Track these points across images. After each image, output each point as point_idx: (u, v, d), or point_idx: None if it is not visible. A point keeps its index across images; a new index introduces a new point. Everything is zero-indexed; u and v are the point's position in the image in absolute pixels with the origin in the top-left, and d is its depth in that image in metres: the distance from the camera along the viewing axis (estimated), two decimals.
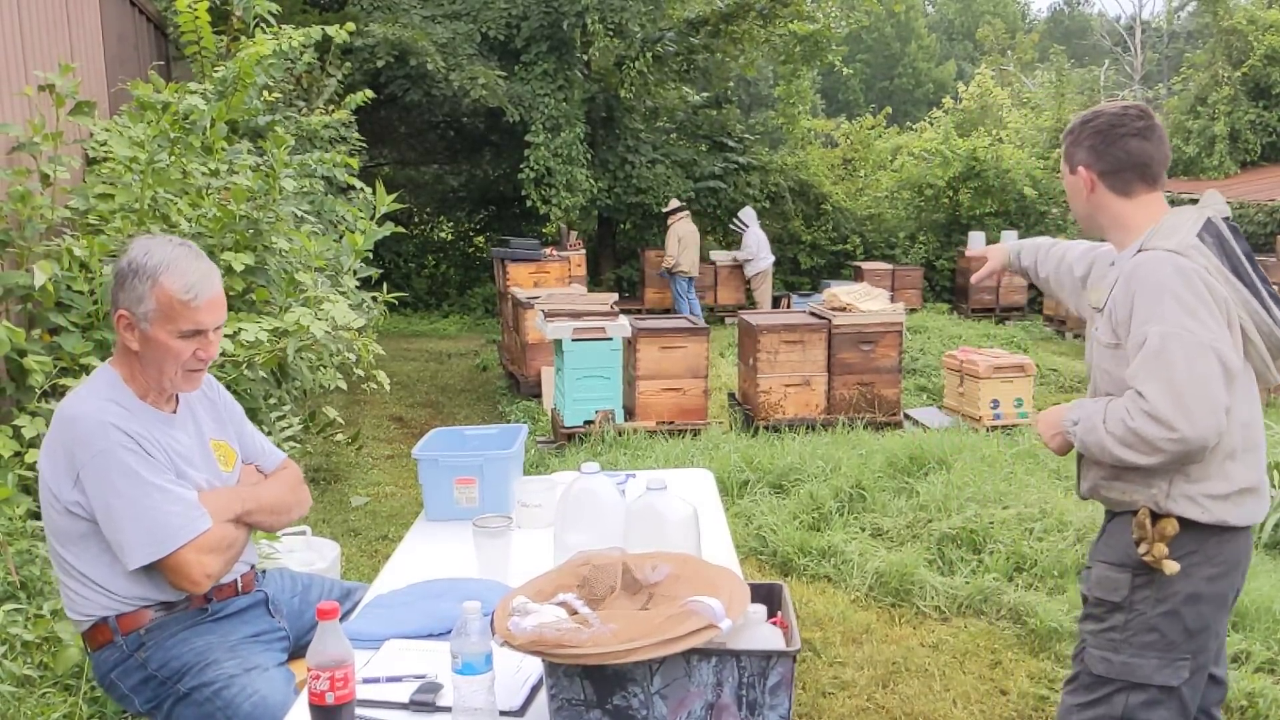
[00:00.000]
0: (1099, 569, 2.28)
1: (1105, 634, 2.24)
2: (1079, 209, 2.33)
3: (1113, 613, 2.23)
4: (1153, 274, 2.10)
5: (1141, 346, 2.07)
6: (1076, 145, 2.29)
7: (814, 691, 3.68)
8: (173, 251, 2.24)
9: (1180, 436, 2.02)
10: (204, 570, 2.21)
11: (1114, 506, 2.27)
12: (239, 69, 5.14)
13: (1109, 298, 2.21)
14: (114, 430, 2.16)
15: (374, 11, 12.98)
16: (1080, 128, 2.29)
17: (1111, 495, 2.25)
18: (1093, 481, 2.30)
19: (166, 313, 2.20)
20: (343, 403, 8.12)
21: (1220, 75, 17.56)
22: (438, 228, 18.31)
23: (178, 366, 2.25)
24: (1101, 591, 2.25)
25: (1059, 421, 2.26)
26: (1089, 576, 2.31)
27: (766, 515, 5.15)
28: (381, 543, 5.30)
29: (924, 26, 39.09)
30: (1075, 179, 2.29)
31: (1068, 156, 2.32)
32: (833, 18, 16.99)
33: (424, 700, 1.83)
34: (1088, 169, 2.27)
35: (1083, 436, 2.18)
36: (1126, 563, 2.21)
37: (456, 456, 2.92)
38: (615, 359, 6.88)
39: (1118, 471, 2.20)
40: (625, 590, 1.84)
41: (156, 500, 2.16)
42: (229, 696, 2.20)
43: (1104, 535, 2.31)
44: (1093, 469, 2.29)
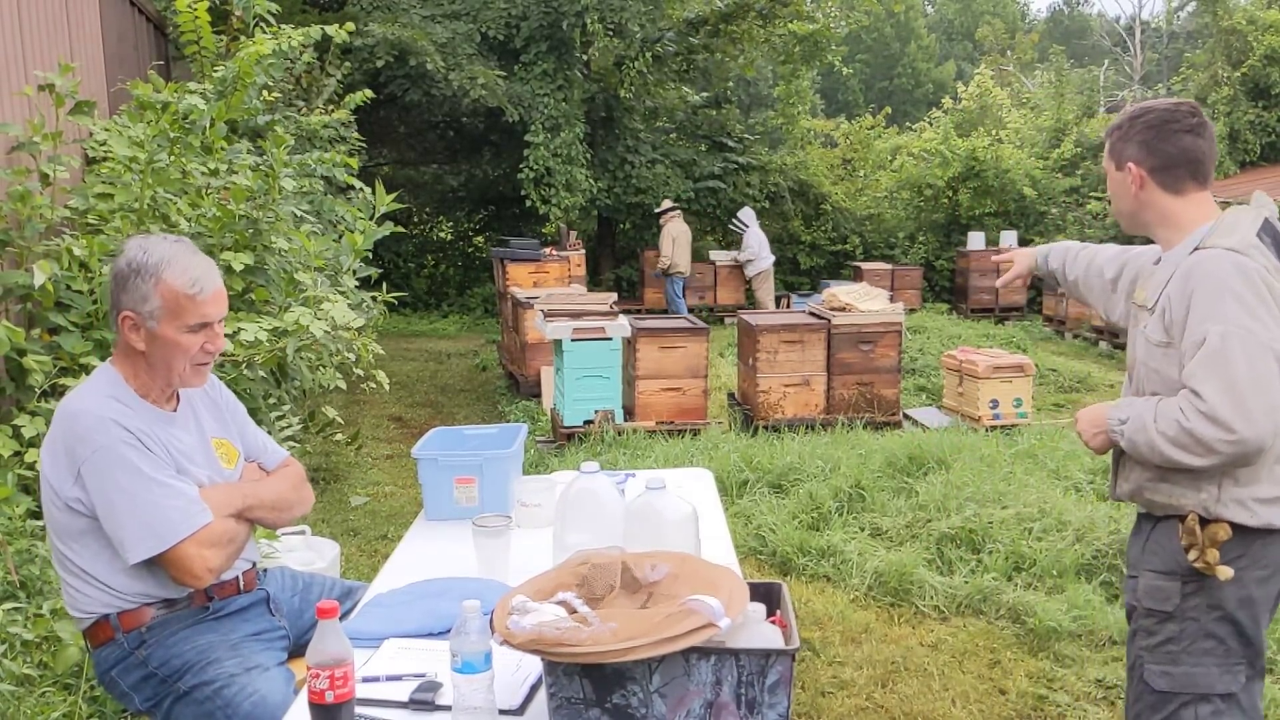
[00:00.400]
0: (1147, 579, 2.21)
1: (1161, 647, 2.18)
2: (1124, 206, 2.27)
3: (1165, 623, 2.17)
4: (1213, 272, 2.05)
5: (1200, 345, 2.02)
6: (1126, 141, 2.23)
7: (813, 691, 3.68)
8: (171, 248, 2.24)
9: (1238, 438, 1.98)
10: (205, 564, 2.21)
11: (1158, 510, 2.21)
12: (238, 69, 5.14)
13: (1161, 296, 2.15)
14: (114, 426, 2.17)
15: (373, 11, 12.99)
16: (1130, 123, 2.23)
17: (1157, 499, 2.19)
18: (1135, 483, 2.24)
19: (173, 309, 2.21)
20: (342, 402, 8.12)
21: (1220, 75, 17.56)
22: (437, 228, 18.32)
23: (186, 362, 2.26)
24: (1152, 602, 2.19)
25: (1102, 419, 2.21)
26: (1135, 586, 2.24)
27: (766, 515, 5.16)
28: (381, 542, 5.30)
29: (923, 26, 39.11)
30: (1122, 175, 2.23)
31: (1114, 152, 2.25)
32: (832, 18, 17.02)
33: (423, 699, 1.83)
34: (1137, 165, 2.21)
35: (1131, 436, 2.13)
36: (1176, 570, 2.16)
37: (456, 456, 2.92)
38: (615, 359, 6.88)
39: (1164, 474, 2.15)
40: (624, 589, 1.85)
41: (157, 495, 2.16)
42: (229, 695, 2.20)
43: (1148, 542, 2.23)
44: (1136, 470, 2.23)
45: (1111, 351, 11.84)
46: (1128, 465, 2.26)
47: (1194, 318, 2.05)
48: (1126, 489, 2.28)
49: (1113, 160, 2.26)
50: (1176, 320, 2.10)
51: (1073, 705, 3.57)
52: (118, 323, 2.24)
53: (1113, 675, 3.75)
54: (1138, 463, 2.20)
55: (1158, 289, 2.18)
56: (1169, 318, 2.12)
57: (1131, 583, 2.27)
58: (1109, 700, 3.61)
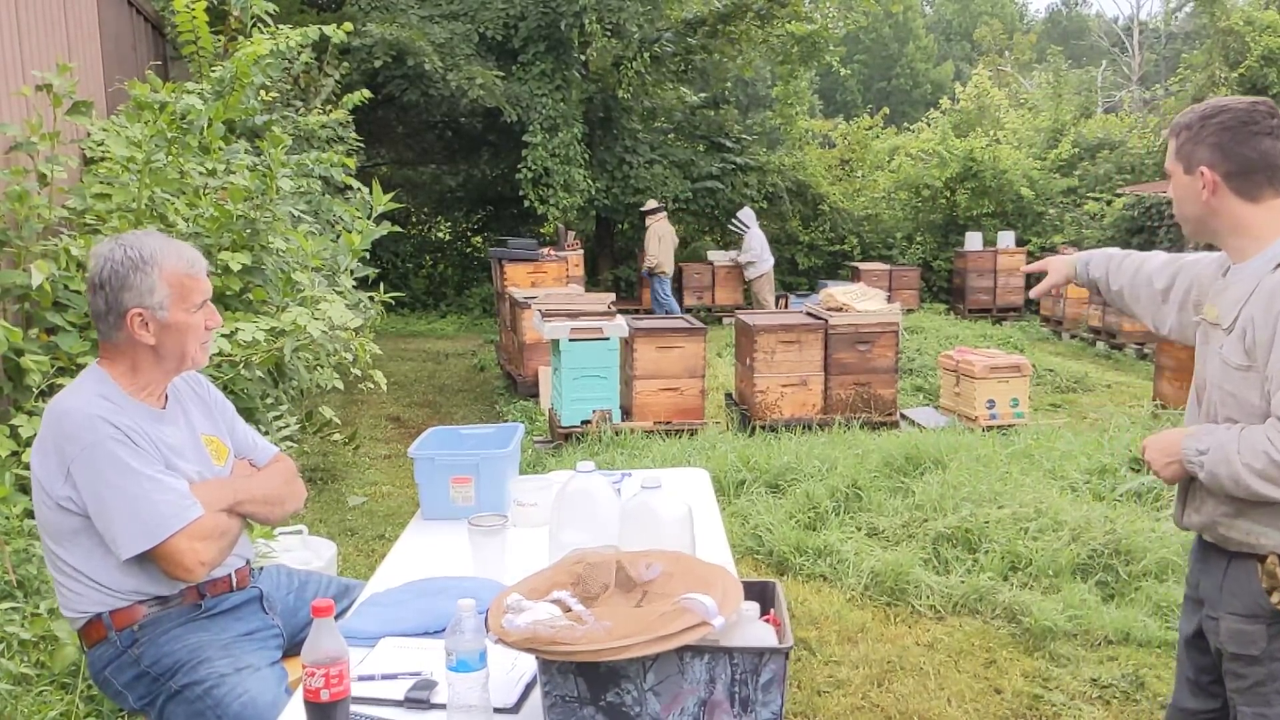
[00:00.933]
0: (1229, 622, 2.10)
1: (1253, 690, 2.09)
2: (1191, 211, 2.12)
3: (1253, 666, 2.08)
4: None
5: None
6: (1197, 143, 2.07)
7: (809, 690, 3.69)
8: (152, 239, 2.31)
9: None
10: (197, 557, 2.21)
11: (1233, 547, 2.09)
12: (236, 69, 5.15)
13: (1241, 314, 2.01)
14: (102, 423, 2.18)
15: (371, 11, 12.99)
16: (1202, 123, 2.07)
17: (1233, 535, 2.07)
18: (1209, 517, 2.11)
19: (180, 292, 2.27)
20: (340, 402, 8.13)
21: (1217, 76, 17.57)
22: (435, 228, 18.33)
23: (197, 341, 2.33)
24: (1237, 646, 2.09)
25: (1176, 448, 2.07)
26: (1217, 629, 2.13)
27: (763, 515, 5.16)
28: (378, 542, 5.31)
29: (922, 27, 39.13)
30: (1192, 179, 2.08)
31: (1184, 155, 2.09)
32: (830, 18, 17.03)
33: (419, 697, 1.84)
34: (1211, 169, 2.05)
35: (1212, 468, 1.99)
36: (1259, 614, 2.05)
37: (453, 456, 2.93)
38: (612, 359, 6.89)
39: (1242, 509, 2.03)
40: (619, 588, 1.85)
41: (147, 489, 2.17)
42: (219, 695, 2.21)
43: (1226, 582, 2.11)
44: (1210, 503, 2.10)
45: (1109, 352, 11.86)
46: (1199, 496, 2.14)
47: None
48: (1198, 520, 2.15)
49: (1180, 162, 2.10)
50: (1261, 342, 1.96)
51: (1068, 705, 3.58)
52: (125, 323, 2.25)
53: (1108, 675, 3.76)
54: (1211, 495, 2.09)
55: (1235, 306, 2.04)
56: (1251, 339, 1.98)
57: (1212, 624, 2.15)
58: (1104, 700, 3.62)
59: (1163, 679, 3.73)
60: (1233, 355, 2.02)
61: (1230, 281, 2.09)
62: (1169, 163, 2.14)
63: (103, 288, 2.25)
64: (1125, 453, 5.91)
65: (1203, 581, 2.20)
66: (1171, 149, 2.13)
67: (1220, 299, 2.10)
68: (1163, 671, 3.78)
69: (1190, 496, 2.17)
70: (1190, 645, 2.31)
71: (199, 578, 2.26)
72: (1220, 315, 2.08)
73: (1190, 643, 2.31)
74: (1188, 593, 2.33)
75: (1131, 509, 5.07)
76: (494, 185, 16.63)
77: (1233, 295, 2.06)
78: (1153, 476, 2.20)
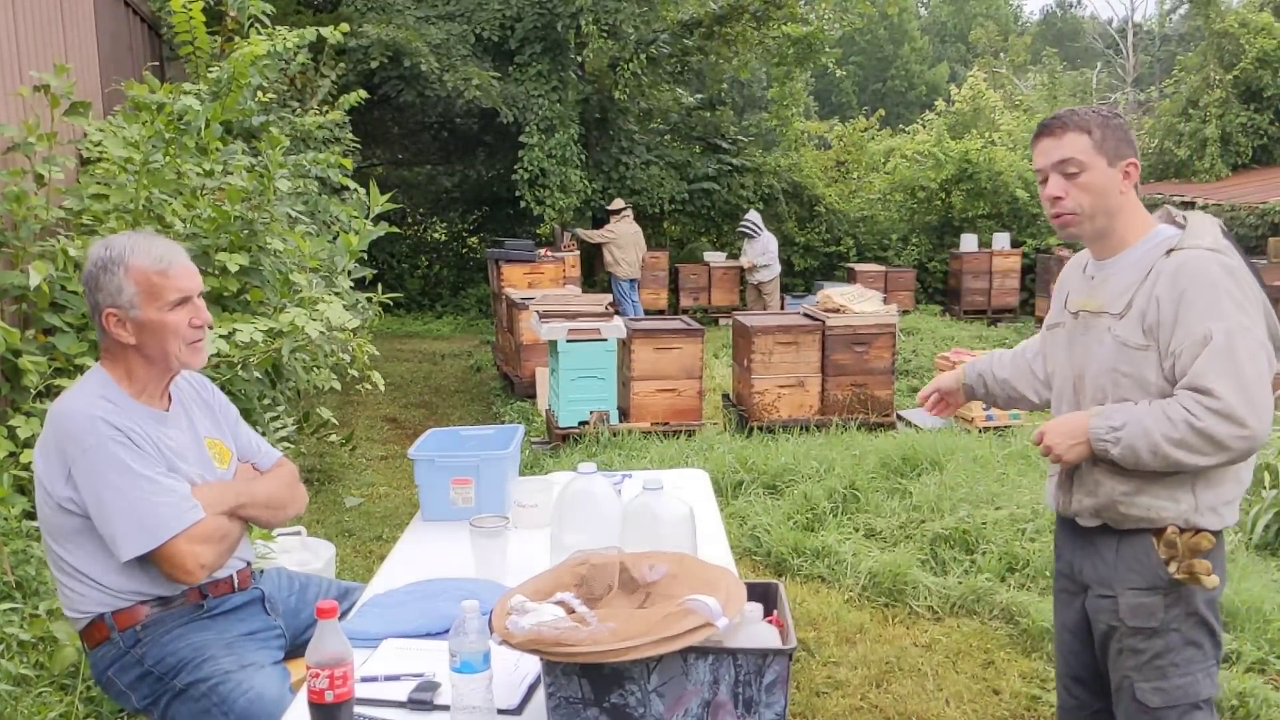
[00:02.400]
0: (1129, 597, 2.15)
1: (1151, 663, 2.15)
2: (1107, 204, 2.14)
3: (1151, 639, 2.14)
4: (1204, 272, 2.03)
5: (1205, 343, 2.00)
6: (1119, 139, 2.14)
7: (808, 691, 3.69)
8: (130, 237, 2.30)
9: (1250, 433, 1.98)
10: (197, 560, 2.21)
11: (1129, 524, 2.15)
12: (233, 69, 5.14)
13: (1135, 297, 2.10)
14: (104, 425, 2.18)
15: (368, 12, 12.98)
16: (1111, 120, 2.15)
17: (1133, 512, 2.13)
18: (1106, 498, 2.15)
19: (148, 290, 2.24)
20: (337, 403, 8.11)
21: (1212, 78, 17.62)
22: (431, 228, 18.31)
23: (180, 341, 2.28)
24: (1137, 620, 2.15)
25: (1082, 430, 2.10)
26: (1115, 607, 2.17)
27: (761, 516, 5.17)
28: (376, 543, 5.30)
29: (917, 29, 39.16)
30: (1115, 173, 2.13)
31: (1108, 149, 2.13)
32: (826, 20, 17.04)
33: (422, 699, 1.84)
34: (1134, 164, 2.15)
35: (1130, 441, 2.03)
36: (1157, 585, 2.13)
37: (453, 457, 2.93)
38: (610, 360, 6.89)
39: (1144, 485, 2.10)
40: (623, 589, 1.86)
41: (148, 491, 2.17)
42: (225, 692, 2.21)
43: (1119, 559, 2.17)
44: (1107, 484, 2.15)
45: None
46: (1093, 479, 2.18)
47: (1193, 316, 2.02)
48: (1091, 504, 2.19)
49: (1103, 156, 2.13)
50: (1164, 321, 2.05)
51: None
52: (103, 324, 2.26)
53: None
54: (1109, 475, 2.14)
55: (1124, 292, 2.13)
56: (1151, 319, 2.07)
57: (1107, 603, 2.20)
58: None
59: None
60: (1131, 336, 2.10)
61: (1109, 274, 2.19)
62: (1084, 156, 2.12)
63: (85, 287, 2.28)
64: None
65: (1085, 566, 2.26)
66: (1086, 144, 2.12)
67: (1100, 290, 2.19)
68: None
69: (1079, 481, 2.22)
70: (1072, 637, 2.37)
71: (198, 580, 2.26)
72: (1105, 304, 2.17)
73: (1073, 633, 2.37)
74: (1061, 583, 2.40)
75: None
76: (490, 186, 16.62)
77: (1118, 284, 2.15)
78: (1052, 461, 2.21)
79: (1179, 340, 2.03)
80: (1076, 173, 2.13)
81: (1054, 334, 2.36)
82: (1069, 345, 2.28)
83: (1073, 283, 2.33)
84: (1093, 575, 2.23)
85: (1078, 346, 2.24)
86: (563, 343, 6.79)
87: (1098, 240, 2.21)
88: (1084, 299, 2.24)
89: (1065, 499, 2.26)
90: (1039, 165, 2.20)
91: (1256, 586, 4.25)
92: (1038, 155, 2.20)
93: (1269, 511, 4.94)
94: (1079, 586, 2.30)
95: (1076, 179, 2.13)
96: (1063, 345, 2.30)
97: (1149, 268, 2.11)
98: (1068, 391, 2.27)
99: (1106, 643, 2.23)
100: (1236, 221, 14.20)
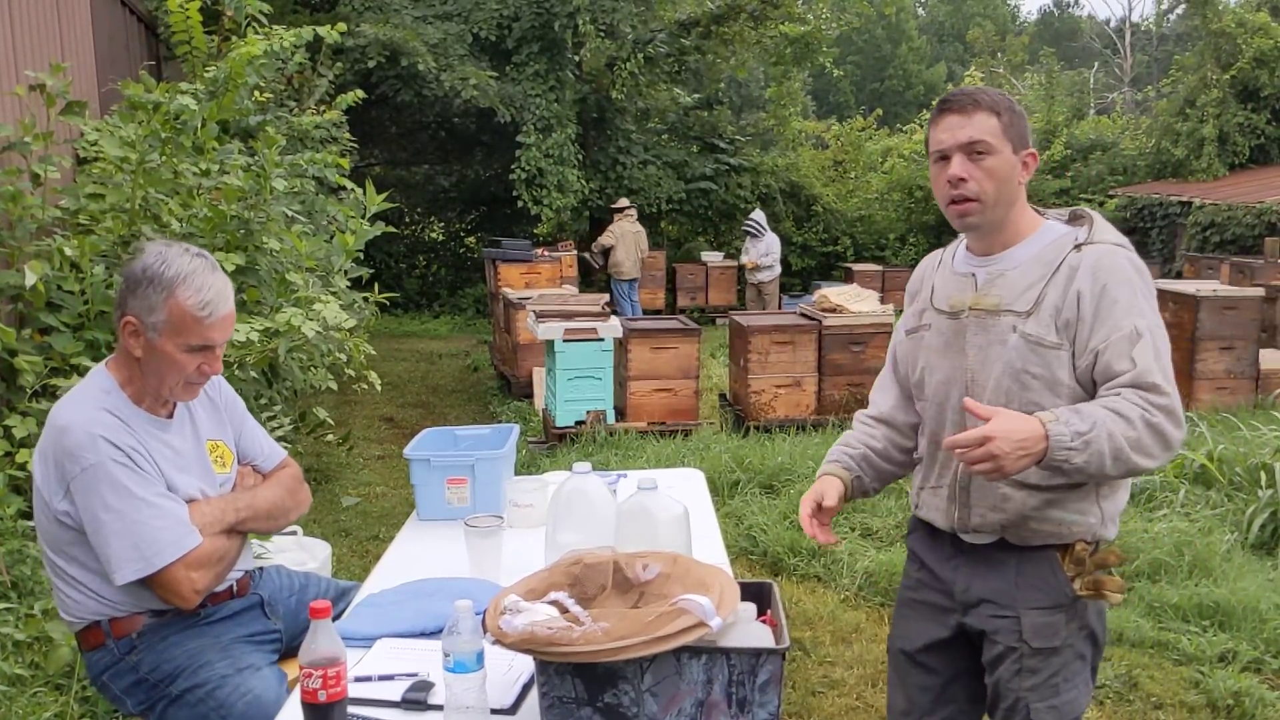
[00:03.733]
0: (1034, 617, 2.00)
1: (1047, 683, 2.02)
2: (1007, 194, 1.99)
3: (1051, 658, 2.02)
4: (1119, 268, 1.93)
5: (1136, 341, 1.88)
6: (1022, 126, 2.01)
7: (804, 690, 3.69)
8: (190, 263, 2.18)
9: (1183, 435, 1.88)
10: (193, 586, 2.19)
11: (1037, 540, 2.00)
12: (230, 69, 5.14)
13: (1044, 295, 1.95)
14: (104, 444, 2.13)
15: (365, 12, 12.98)
16: (1016, 106, 2.01)
17: (1043, 528, 1.99)
18: (1014, 514, 1.98)
19: (178, 326, 2.16)
20: (333, 403, 8.11)
21: (1209, 78, 17.63)
22: (429, 228, 18.32)
23: (180, 379, 2.22)
24: (1041, 641, 2.01)
25: (1036, 439, 1.80)
26: (1017, 627, 2.02)
27: (757, 515, 5.17)
28: (372, 543, 5.30)
29: (914, 28, 39.20)
30: (1017, 160, 1.99)
31: (1014, 134, 1.98)
32: (824, 19, 17.04)
33: (416, 699, 1.84)
34: (1031, 153, 2.02)
35: (1098, 447, 1.81)
36: (1061, 603, 2.01)
37: (448, 456, 2.92)
38: (606, 359, 6.89)
39: (1057, 499, 1.97)
40: (616, 589, 1.86)
41: (145, 515, 2.13)
42: (222, 696, 2.20)
43: (1020, 578, 2.02)
44: (1017, 498, 1.97)
45: None
46: (998, 493, 1.99)
47: (1118, 311, 1.90)
48: (996, 520, 2.00)
49: (1010, 141, 1.97)
50: (1084, 317, 1.91)
51: None
52: (120, 325, 2.20)
53: (1101, 675, 3.76)
54: (1019, 489, 1.97)
55: (1030, 288, 1.97)
56: (1068, 315, 1.93)
57: (1007, 623, 2.03)
58: (1098, 700, 3.63)
59: (1156, 679, 3.74)
60: (1045, 335, 1.94)
61: (1004, 269, 2.02)
62: (993, 139, 1.96)
63: (122, 281, 2.21)
64: None
65: (974, 584, 2.07)
66: (996, 126, 1.96)
67: (995, 287, 2.01)
68: (1156, 672, 3.80)
69: (980, 496, 2.02)
70: (916, 660, 2.19)
71: (193, 604, 2.23)
72: (1005, 301, 1.99)
73: (920, 655, 2.18)
74: (924, 597, 2.18)
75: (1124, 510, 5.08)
76: (487, 186, 16.62)
77: (1019, 280, 1.99)
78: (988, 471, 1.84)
79: (1102, 337, 1.90)
80: (984, 155, 1.96)
81: (919, 338, 2.14)
82: (948, 348, 2.07)
83: (939, 281, 2.13)
84: (986, 594, 2.06)
85: (971, 348, 2.03)
86: (559, 342, 6.79)
87: (991, 233, 2.03)
88: (973, 296, 2.04)
89: (961, 514, 2.05)
90: (942, 143, 1.99)
91: (1252, 586, 4.26)
92: (940, 132, 2.00)
93: (1264, 511, 4.94)
94: (956, 604, 2.11)
95: (983, 162, 1.96)
96: (937, 349, 2.09)
97: (1055, 263, 1.97)
98: (954, 397, 2.04)
99: (999, 663, 2.06)
100: (1233, 221, 14.22)
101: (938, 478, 2.11)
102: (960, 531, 2.07)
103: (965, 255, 2.12)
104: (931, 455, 2.13)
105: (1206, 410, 7.20)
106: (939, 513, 2.10)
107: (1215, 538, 4.68)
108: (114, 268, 4.04)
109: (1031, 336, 1.95)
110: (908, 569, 2.27)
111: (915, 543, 2.23)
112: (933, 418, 2.10)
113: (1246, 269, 11.05)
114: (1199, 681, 3.72)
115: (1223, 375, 7.64)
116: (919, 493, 2.18)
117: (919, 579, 2.20)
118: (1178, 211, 15.68)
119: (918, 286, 2.22)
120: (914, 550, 2.24)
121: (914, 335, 2.16)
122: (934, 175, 2.04)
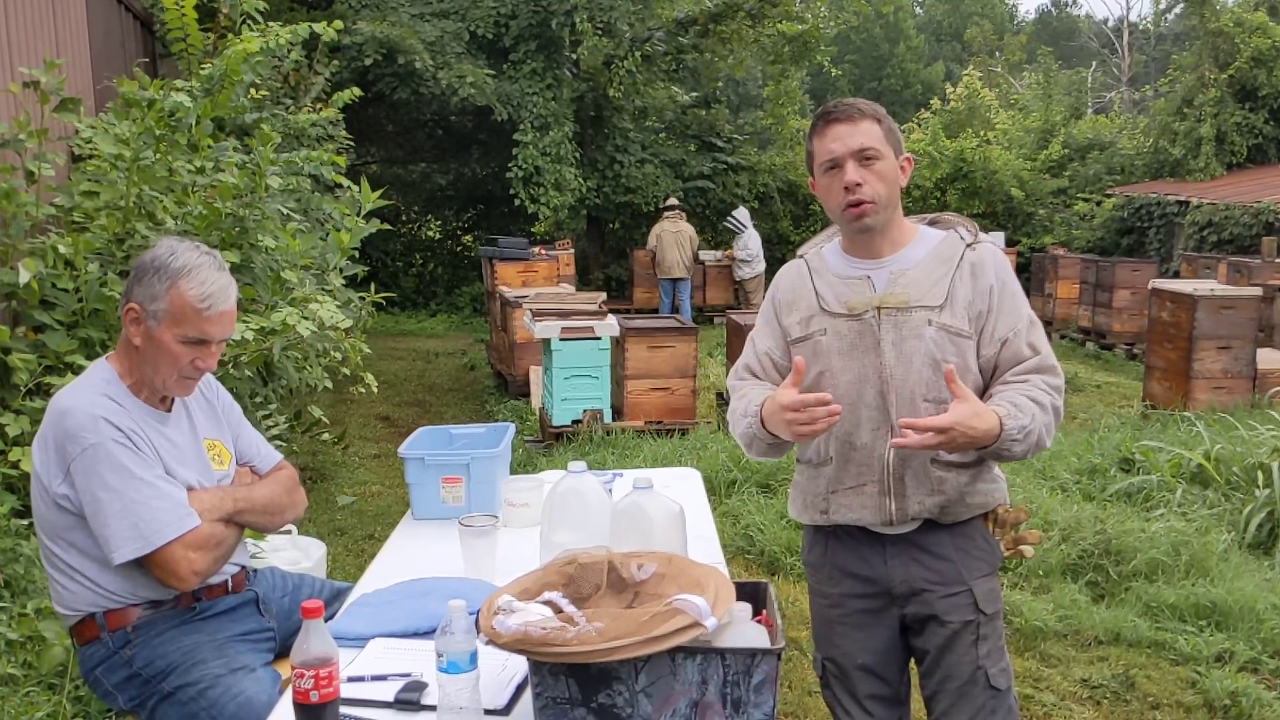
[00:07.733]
0: (983, 585, 2.13)
1: (997, 646, 2.15)
2: (893, 196, 2.10)
3: (996, 621, 2.16)
4: (1006, 264, 2.15)
5: (1033, 327, 2.12)
6: (899, 135, 2.15)
7: (800, 690, 3.68)
8: (198, 258, 2.25)
9: None
10: (191, 567, 2.20)
11: (966, 515, 2.12)
12: (226, 66, 5.12)
13: (953, 288, 2.07)
14: (105, 424, 2.16)
15: (362, 9, 12.96)
16: (887, 114, 2.13)
17: (974, 500, 2.12)
18: (953, 493, 2.09)
19: (177, 316, 2.21)
20: (329, 401, 8.10)
21: (1207, 77, 17.63)
22: (425, 226, 18.30)
23: (174, 371, 2.26)
24: (992, 606, 2.14)
25: (990, 431, 1.95)
26: (972, 599, 2.11)
27: (754, 515, 5.16)
28: (368, 542, 5.29)
29: (912, 27, 39.17)
30: (896, 165, 2.11)
31: (893, 140, 2.11)
32: (821, 18, 17.04)
33: (409, 699, 1.83)
34: (907, 158, 2.15)
35: (1037, 433, 2.01)
36: (996, 566, 2.18)
37: (443, 455, 2.91)
38: (603, 358, 6.89)
39: (978, 474, 2.12)
40: (611, 589, 1.85)
41: (145, 495, 2.16)
42: (214, 696, 2.19)
43: (958, 553, 2.11)
44: (950, 478, 2.08)
45: (1098, 352, 11.89)
46: (934, 476, 2.08)
47: (1017, 302, 2.11)
48: (934, 502, 2.09)
49: (892, 146, 2.10)
50: (993, 308, 2.09)
51: (1058, 705, 3.59)
52: (124, 311, 2.25)
53: (1098, 675, 3.77)
54: (949, 470, 2.08)
55: (938, 283, 2.08)
56: (980, 307, 2.08)
57: (961, 599, 2.11)
58: (1094, 700, 3.63)
59: (1153, 679, 3.74)
60: (961, 325, 2.08)
61: (903, 268, 2.11)
62: (879, 145, 2.07)
63: (133, 270, 2.26)
64: (1115, 453, 5.93)
65: (912, 571, 2.12)
66: (879, 132, 2.08)
67: (899, 285, 2.09)
68: (1153, 671, 3.80)
69: (917, 483, 2.08)
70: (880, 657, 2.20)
71: (191, 586, 2.25)
72: (916, 297, 2.08)
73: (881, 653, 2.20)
74: (859, 604, 2.18)
75: (1121, 509, 5.08)
76: (484, 184, 16.60)
77: (923, 276, 2.09)
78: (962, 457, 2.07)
79: (1006, 326, 2.09)
80: (873, 160, 2.06)
81: (813, 344, 2.14)
82: (854, 349, 2.10)
83: (822, 287, 2.16)
84: (929, 578, 2.12)
85: (886, 344, 2.07)
86: (556, 341, 6.78)
87: (882, 234, 2.12)
88: (878, 296, 2.09)
89: (898, 505, 2.09)
90: (833, 152, 2.07)
91: (1249, 586, 4.25)
92: (830, 142, 2.08)
93: (1261, 511, 4.94)
94: (892, 599, 2.15)
95: (873, 166, 2.06)
96: (840, 351, 2.11)
97: (954, 260, 2.10)
98: (868, 395, 2.08)
99: (955, 641, 2.12)
100: (1231, 220, 14.22)
101: (857, 477, 2.12)
102: (897, 523, 2.12)
103: (846, 260, 2.18)
104: (845, 456, 2.14)
105: (1204, 410, 7.19)
106: (867, 510, 2.12)
107: (1212, 537, 4.67)
108: (108, 265, 4.03)
109: (950, 327, 2.07)
110: (820, 588, 2.27)
111: (830, 555, 2.23)
112: (844, 419, 2.05)
113: (1244, 268, 11.05)
114: (1196, 681, 3.71)
115: (1220, 375, 7.64)
116: (828, 498, 2.16)
117: (844, 592, 2.21)
118: (1175, 211, 15.68)
119: (791, 296, 2.22)
120: (827, 564, 2.23)
121: (805, 343, 2.16)
122: (825, 185, 2.12)
